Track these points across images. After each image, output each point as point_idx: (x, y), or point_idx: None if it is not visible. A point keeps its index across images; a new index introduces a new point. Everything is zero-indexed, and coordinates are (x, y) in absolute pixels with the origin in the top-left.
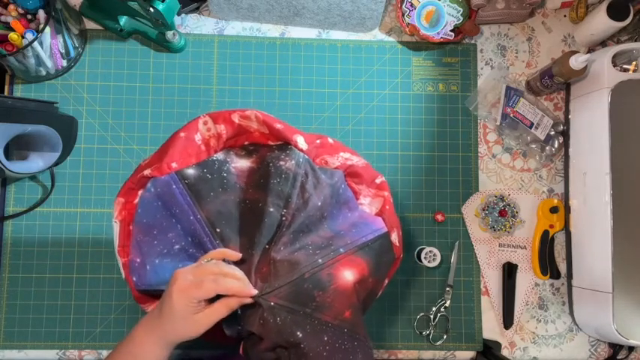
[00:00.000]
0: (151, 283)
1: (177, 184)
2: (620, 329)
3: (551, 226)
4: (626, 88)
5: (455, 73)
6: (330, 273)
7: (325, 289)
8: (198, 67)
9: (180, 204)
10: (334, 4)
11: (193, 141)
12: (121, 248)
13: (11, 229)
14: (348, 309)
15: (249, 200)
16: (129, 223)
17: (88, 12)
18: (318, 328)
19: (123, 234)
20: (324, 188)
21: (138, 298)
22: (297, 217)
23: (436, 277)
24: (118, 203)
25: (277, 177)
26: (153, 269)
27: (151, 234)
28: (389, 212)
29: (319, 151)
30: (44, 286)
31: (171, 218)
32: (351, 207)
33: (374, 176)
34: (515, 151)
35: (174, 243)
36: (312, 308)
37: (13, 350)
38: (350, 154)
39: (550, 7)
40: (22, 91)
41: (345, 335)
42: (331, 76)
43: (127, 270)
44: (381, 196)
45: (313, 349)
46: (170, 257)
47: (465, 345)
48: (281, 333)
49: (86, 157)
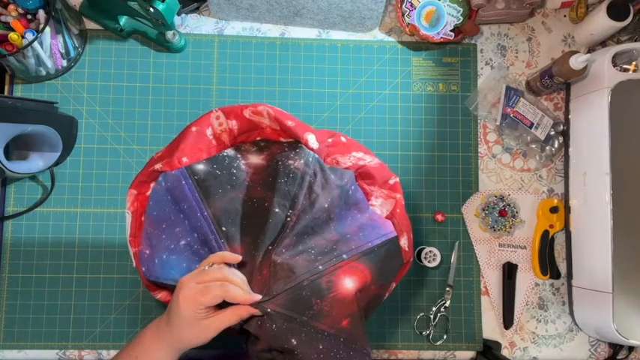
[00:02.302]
0: (158, 276)
1: (186, 179)
2: (620, 329)
3: (551, 226)
4: (626, 88)
5: (455, 73)
6: (330, 280)
7: (324, 297)
8: (198, 67)
9: (188, 200)
10: (334, 4)
11: (205, 135)
12: (132, 238)
13: (11, 229)
14: (346, 318)
15: (256, 199)
16: (141, 214)
17: (88, 12)
18: (313, 336)
19: (135, 224)
20: (332, 189)
21: (148, 286)
22: (302, 219)
23: (436, 277)
24: (131, 195)
25: (285, 176)
26: (160, 263)
27: (160, 227)
28: (400, 215)
29: (331, 150)
30: (44, 286)
31: (180, 213)
32: (360, 208)
33: (387, 177)
34: (515, 151)
35: (180, 238)
36: (308, 316)
37: (13, 350)
38: (363, 154)
39: (550, 7)
40: (22, 91)
41: (341, 344)
42: (331, 76)
43: (137, 259)
44: (392, 198)
45: (307, 357)
46: (176, 254)
47: (465, 345)
48: (276, 339)
49: (86, 157)
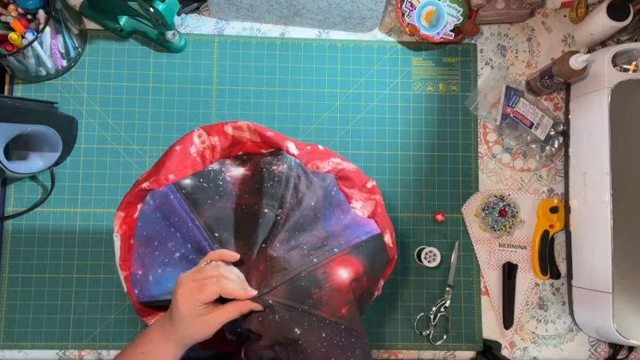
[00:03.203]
0: (153, 294)
1: (174, 194)
2: (620, 329)
3: (551, 226)
4: (626, 88)
5: (455, 73)
6: (326, 272)
7: (321, 286)
8: (198, 67)
9: (178, 212)
10: (334, 4)
11: (189, 153)
12: (122, 262)
13: (11, 229)
14: (344, 306)
15: (245, 205)
16: (129, 237)
17: (88, 12)
18: (315, 324)
19: (124, 248)
20: (316, 190)
21: (139, 311)
22: (292, 216)
23: (436, 277)
24: (119, 217)
25: (270, 180)
26: (155, 280)
27: (151, 245)
28: (381, 214)
29: (310, 156)
30: (44, 286)
31: (170, 228)
32: (343, 209)
33: (365, 181)
34: (515, 151)
35: (174, 252)
36: (309, 305)
37: (13, 350)
38: (340, 160)
39: (550, 7)
40: (22, 91)
41: (343, 332)
42: (331, 76)
43: (129, 283)
44: (372, 200)
45: (312, 345)
46: (172, 266)
47: (465, 345)
48: (280, 330)
49: (86, 157)
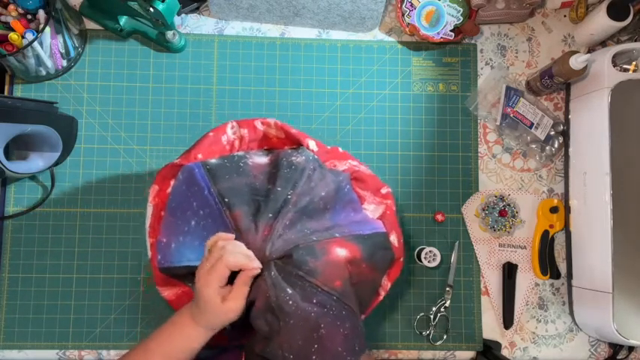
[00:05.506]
0: (173, 261)
1: (199, 169)
2: (620, 329)
3: (551, 226)
4: (626, 88)
5: (455, 73)
6: (324, 247)
7: (318, 258)
8: (198, 67)
9: (198, 183)
10: (334, 4)
11: (220, 141)
12: (151, 230)
13: (11, 229)
14: (338, 279)
15: (259, 183)
16: (161, 209)
17: (88, 12)
18: (308, 290)
19: (154, 217)
20: (329, 183)
21: (158, 280)
22: (302, 200)
23: (436, 277)
24: (154, 190)
25: (287, 168)
26: (176, 247)
27: (175, 215)
28: (389, 216)
29: (329, 156)
30: (44, 286)
31: (190, 197)
32: (355, 208)
33: (380, 186)
34: (515, 151)
35: (190, 219)
36: (304, 271)
37: (13, 350)
38: (357, 163)
39: (550, 7)
40: (22, 91)
41: (334, 302)
42: (331, 76)
43: (154, 249)
44: (384, 204)
45: (302, 308)
46: (190, 234)
47: (465, 345)
48: (274, 286)
49: (86, 157)
